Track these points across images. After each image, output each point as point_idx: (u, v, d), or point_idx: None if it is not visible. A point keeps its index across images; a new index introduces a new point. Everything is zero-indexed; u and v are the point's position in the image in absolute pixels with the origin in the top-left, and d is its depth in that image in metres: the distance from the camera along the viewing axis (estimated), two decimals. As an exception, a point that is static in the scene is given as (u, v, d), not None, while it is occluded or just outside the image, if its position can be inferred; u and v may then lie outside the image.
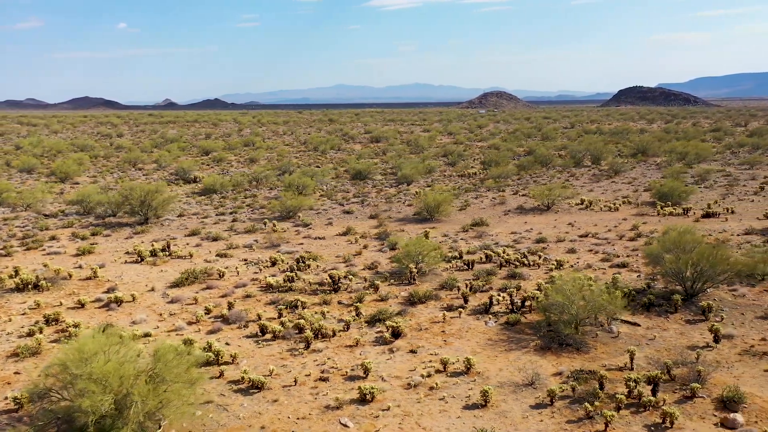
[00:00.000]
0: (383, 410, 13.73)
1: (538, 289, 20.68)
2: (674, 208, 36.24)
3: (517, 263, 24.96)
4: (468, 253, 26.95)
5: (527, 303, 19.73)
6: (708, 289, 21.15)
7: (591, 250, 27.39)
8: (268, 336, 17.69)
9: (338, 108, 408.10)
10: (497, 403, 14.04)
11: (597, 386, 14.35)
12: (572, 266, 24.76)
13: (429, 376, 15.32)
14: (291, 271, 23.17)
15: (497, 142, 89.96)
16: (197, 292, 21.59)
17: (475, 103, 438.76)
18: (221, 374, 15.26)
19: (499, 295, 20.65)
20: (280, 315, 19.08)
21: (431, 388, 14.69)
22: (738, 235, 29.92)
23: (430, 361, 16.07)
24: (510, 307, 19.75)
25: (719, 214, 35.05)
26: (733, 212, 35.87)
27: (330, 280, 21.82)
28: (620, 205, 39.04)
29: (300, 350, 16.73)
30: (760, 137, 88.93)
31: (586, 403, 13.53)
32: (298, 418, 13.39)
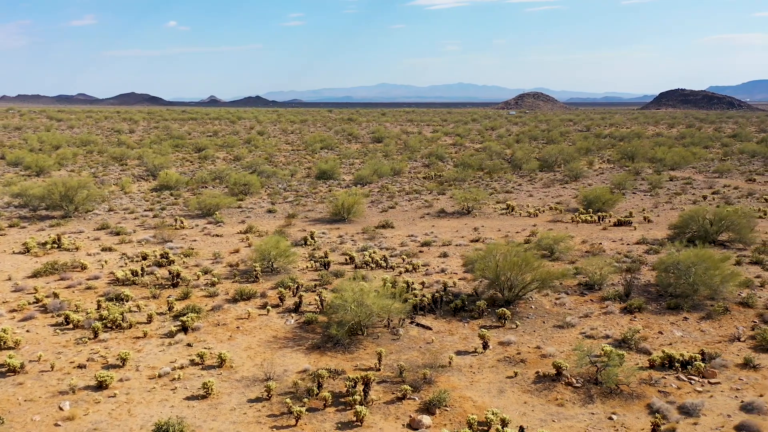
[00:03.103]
0: (110, 397, 14.75)
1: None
2: (590, 216, 36.00)
3: (374, 265, 25.57)
4: (344, 254, 27.65)
5: (335, 304, 20.38)
6: (528, 296, 21.39)
7: (463, 255, 27.71)
8: (70, 325, 18.89)
9: (379, 107, 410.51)
10: (219, 396, 14.88)
11: (316, 385, 15.00)
12: (426, 269, 25.22)
13: (182, 368, 16.26)
14: (141, 267, 24.26)
15: (491, 144, 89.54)
16: (48, 283, 23.05)
17: (511, 104, 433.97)
18: (-7, 358, 16.55)
19: (318, 295, 21.35)
20: (99, 306, 20.27)
21: (173, 379, 15.63)
22: (628, 244, 29.72)
23: (197, 355, 16.93)
24: (320, 307, 20.45)
25: (632, 222, 34.68)
26: (649, 221, 35.47)
27: (169, 275, 22.94)
28: (543, 211, 38.98)
29: (86, 340, 17.87)
30: (767, 145, 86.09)
31: (287, 399, 14.25)
32: (25, 401, 14.52)
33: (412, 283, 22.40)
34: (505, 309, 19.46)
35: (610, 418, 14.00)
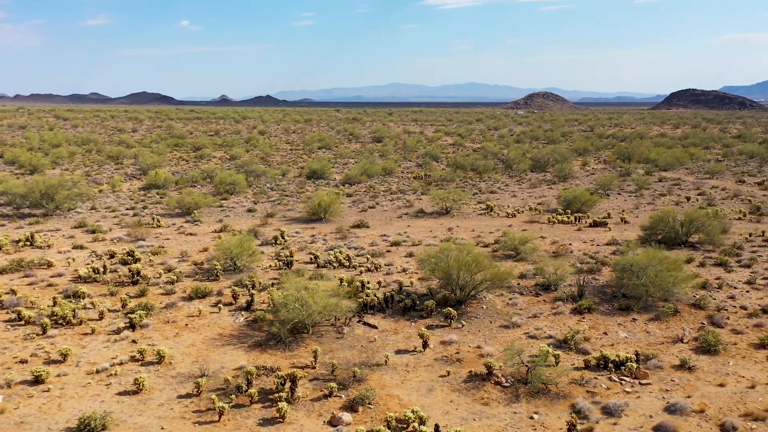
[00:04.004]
0: (44, 391, 15.05)
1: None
2: (567, 217, 35.95)
3: (337, 264, 25.76)
4: (311, 253, 27.85)
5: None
6: (481, 296, 21.45)
7: (417, 255, 27.82)
8: (22, 322, 19.23)
9: (389, 107, 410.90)
10: (151, 391, 15.13)
11: (245, 382, 15.22)
12: (388, 269, 25.39)
13: (121, 364, 16.53)
14: (103, 265, 24.58)
15: (488, 144, 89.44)
16: (11, 280, 23.45)
17: (520, 104, 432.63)
18: (-63, 353, 16.91)
19: (267, 293, 21.54)
20: (54, 303, 20.60)
21: (109, 375, 15.91)
22: (598, 245, 29.69)
23: (138, 351, 17.17)
24: (271, 305, 20.65)
25: (607, 223, 34.61)
26: (626, 222, 35.38)
27: (129, 273, 23.27)
28: (522, 211, 38.98)
29: (33, 336, 18.20)
30: (767, 147, 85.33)
31: (213, 395, 14.47)
32: (-42, 395, 14.85)
33: (368, 282, 22.58)
34: (451, 309, 19.56)
35: (531, 418, 14.09)
